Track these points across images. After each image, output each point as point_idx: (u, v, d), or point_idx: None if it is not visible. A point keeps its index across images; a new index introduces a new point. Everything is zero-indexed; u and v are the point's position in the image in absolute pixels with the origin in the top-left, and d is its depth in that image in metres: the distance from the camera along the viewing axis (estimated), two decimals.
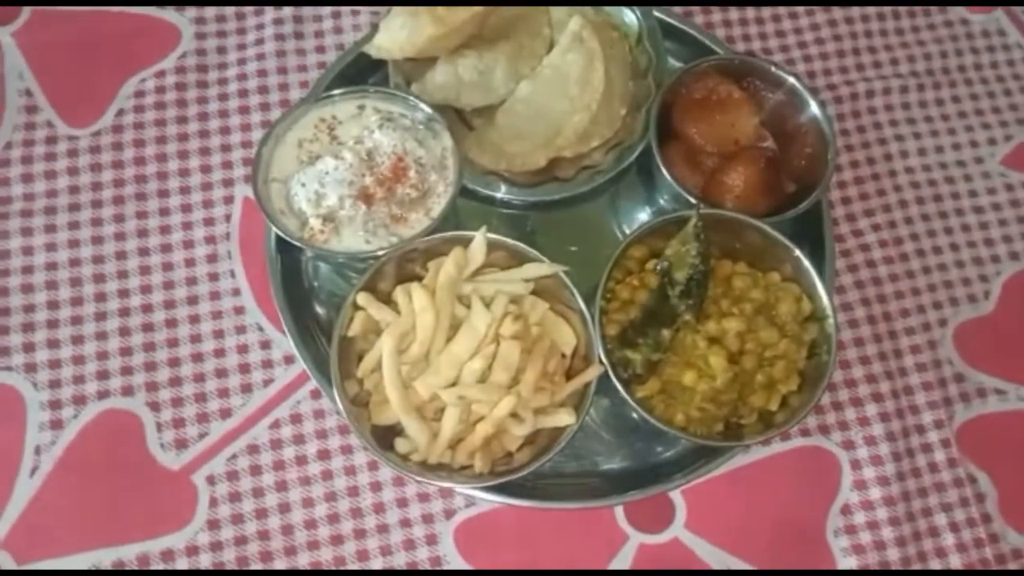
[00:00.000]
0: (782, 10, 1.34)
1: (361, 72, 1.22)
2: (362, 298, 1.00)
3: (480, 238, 1.04)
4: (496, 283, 1.04)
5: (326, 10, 1.28)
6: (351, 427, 0.96)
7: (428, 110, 1.12)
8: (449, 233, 1.06)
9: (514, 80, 1.18)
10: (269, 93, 1.24)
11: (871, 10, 1.36)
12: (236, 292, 1.14)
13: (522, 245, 1.06)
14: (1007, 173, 1.30)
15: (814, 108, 1.16)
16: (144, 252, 1.15)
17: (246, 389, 1.10)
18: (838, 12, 1.35)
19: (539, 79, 1.16)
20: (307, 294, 1.15)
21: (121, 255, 1.14)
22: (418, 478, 0.96)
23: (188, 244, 1.16)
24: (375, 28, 1.15)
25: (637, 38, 1.24)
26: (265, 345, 1.12)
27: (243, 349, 1.12)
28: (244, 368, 1.11)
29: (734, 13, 1.33)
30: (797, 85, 1.16)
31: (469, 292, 1.03)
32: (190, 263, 1.15)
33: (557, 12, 1.22)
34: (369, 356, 1.00)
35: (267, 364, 1.11)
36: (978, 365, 1.20)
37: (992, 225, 1.27)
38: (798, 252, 1.08)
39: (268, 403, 1.10)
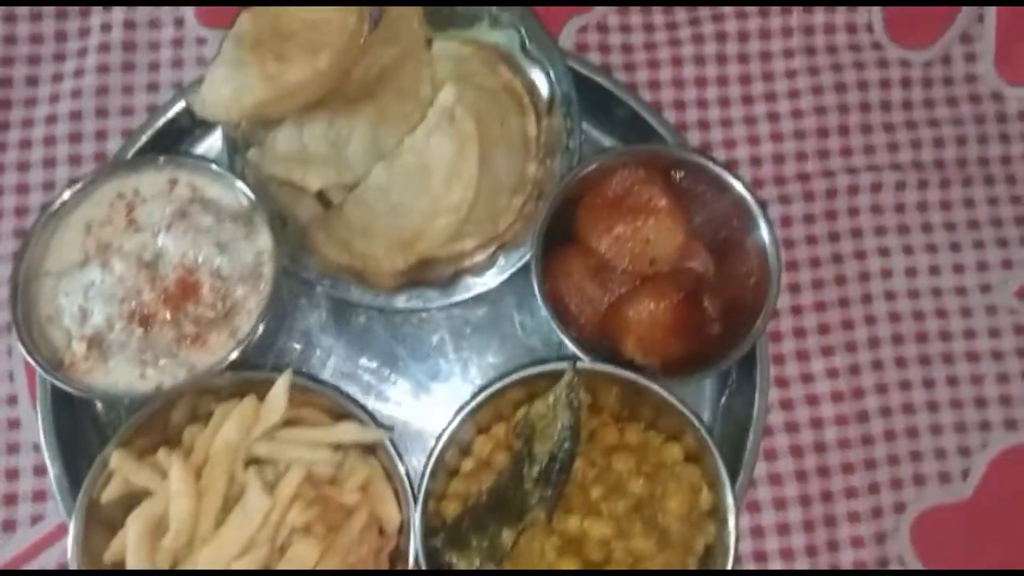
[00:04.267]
0: (758, 87, 1.05)
1: (197, 126, 0.99)
2: (117, 458, 0.80)
3: (280, 388, 0.81)
4: (297, 446, 0.82)
5: (166, 35, 1.03)
6: None
7: (249, 196, 0.88)
8: (245, 374, 0.84)
9: (373, 154, 0.93)
10: (82, 142, 1.00)
11: (872, 74, 1.05)
12: (12, 400, 0.95)
13: (341, 397, 0.85)
14: (1020, 309, 1.00)
15: (762, 230, 0.89)
16: None
17: (9, 527, 0.91)
18: (828, 76, 1.05)
19: (396, 165, 0.91)
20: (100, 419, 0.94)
21: None
22: None
23: None
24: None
25: (548, 106, 0.96)
26: (41, 471, 0.93)
27: (12, 475, 0.93)
28: (10, 499, 0.92)
29: (691, 91, 1.04)
30: (745, 195, 0.89)
31: (265, 454, 0.81)
32: None
33: (444, 67, 0.95)
34: (118, 538, 0.79)
35: (39, 496, 0.92)
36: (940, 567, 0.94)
37: (988, 380, 0.99)
38: (703, 432, 0.83)
39: (33, 547, 0.91)
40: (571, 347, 0.86)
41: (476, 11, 0.98)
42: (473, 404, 0.83)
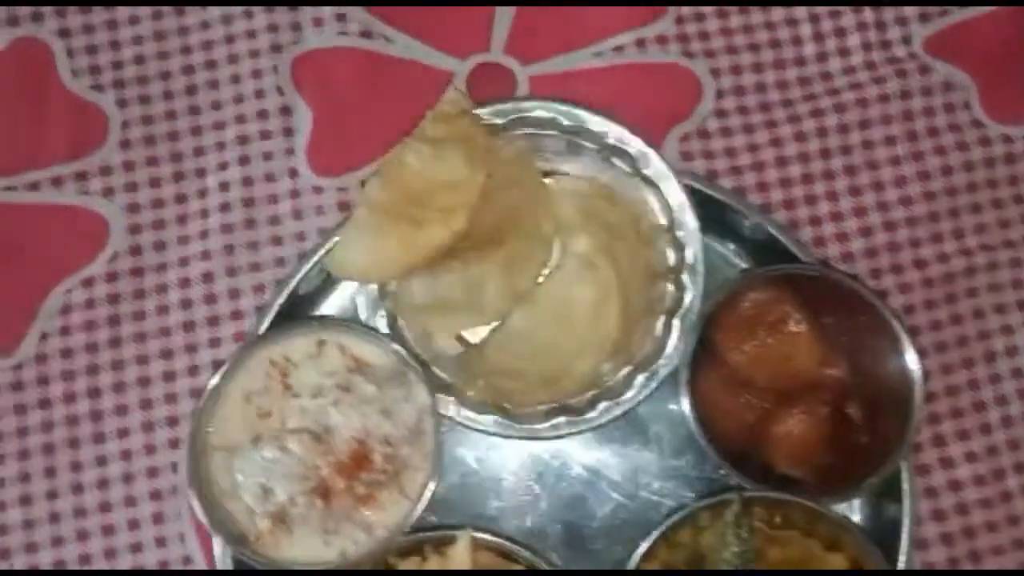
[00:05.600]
0: (864, 177, 1.06)
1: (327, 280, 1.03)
2: None
3: (462, 547, 0.86)
4: None
5: (283, 187, 1.07)
6: None
7: (399, 351, 0.92)
8: (425, 535, 0.88)
9: (509, 296, 0.97)
10: (218, 303, 1.04)
11: (976, 153, 1.07)
12: (187, 561, 0.99)
13: (518, 547, 0.88)
14: None
15: (894, 330, 0.92)
16: (81, 513, 1.00)
17: None
18: (932, 159, 1.07)
19: (538, 311, 0.96)
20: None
21: (55, 518, 1.00)
22: None
23: (130, 501, 1.00)
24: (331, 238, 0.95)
25: (668, 227, 0.99)
26: None
27: None
28: None
29: (799, 189, 1.06)
30: (870, 297, 0.93)
31: None
32: (134, 525, 1.00)
33: (563, 204, 0.98)
34: None
35: None
36: None
37: None
38: (864, 539, 0.88)
39: None
40: (732, 474, 0.90)
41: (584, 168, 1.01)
42: (645, 547, 0.87)
